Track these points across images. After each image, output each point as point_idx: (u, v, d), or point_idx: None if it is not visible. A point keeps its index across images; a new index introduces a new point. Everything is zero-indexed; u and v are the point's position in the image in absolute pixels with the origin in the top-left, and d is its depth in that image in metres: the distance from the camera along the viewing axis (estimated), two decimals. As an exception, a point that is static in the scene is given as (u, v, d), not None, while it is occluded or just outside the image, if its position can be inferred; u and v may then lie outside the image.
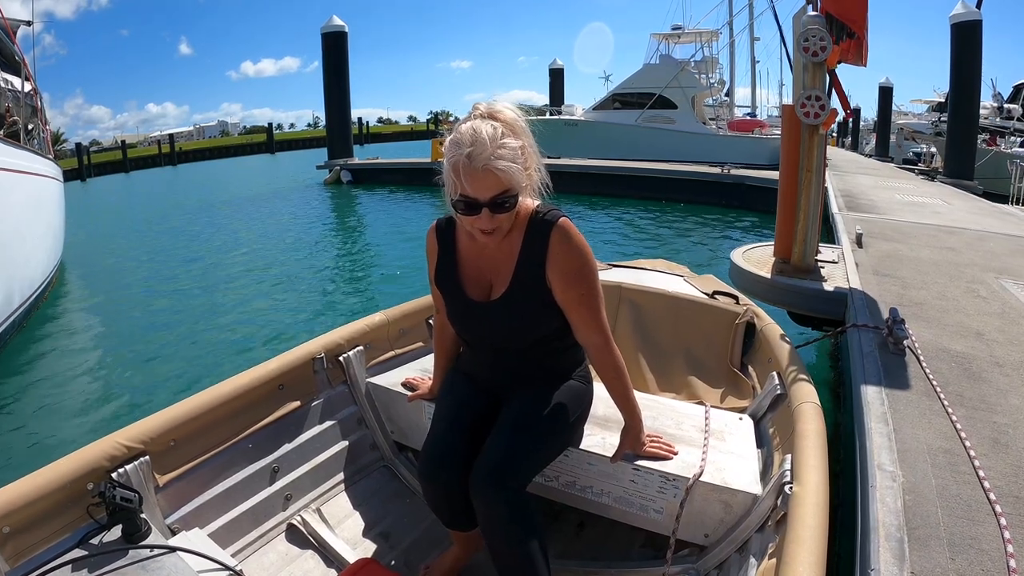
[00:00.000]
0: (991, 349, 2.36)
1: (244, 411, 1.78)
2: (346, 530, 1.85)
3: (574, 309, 1.44)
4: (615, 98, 21.54)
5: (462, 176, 1.27)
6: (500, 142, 1.26)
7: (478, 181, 1.26)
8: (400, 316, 2.30)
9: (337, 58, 19.22)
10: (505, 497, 1.34)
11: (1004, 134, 17.14)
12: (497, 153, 1.25)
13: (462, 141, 1.27)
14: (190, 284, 7.72)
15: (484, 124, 1.27)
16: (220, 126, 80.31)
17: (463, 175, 1.26)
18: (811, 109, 3.18)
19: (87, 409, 4.22)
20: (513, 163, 1.27)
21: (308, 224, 12.48)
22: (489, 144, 1.25)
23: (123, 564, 1.27)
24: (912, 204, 7.44)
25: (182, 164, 40.96)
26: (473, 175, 1.26)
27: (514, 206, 1.33)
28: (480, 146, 1.25)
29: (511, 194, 1.30)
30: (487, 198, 1.28)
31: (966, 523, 1.36)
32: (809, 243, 3.46)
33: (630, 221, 11.80)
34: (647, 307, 2.53)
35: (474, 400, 1.57)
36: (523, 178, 1.32)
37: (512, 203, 1.31)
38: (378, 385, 2.07)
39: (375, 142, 52.40)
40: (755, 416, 1.89)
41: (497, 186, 1.27)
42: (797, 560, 1.08)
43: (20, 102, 8.28)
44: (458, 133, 1.29)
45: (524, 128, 1.35)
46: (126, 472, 1.46)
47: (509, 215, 1.34)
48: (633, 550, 1.78)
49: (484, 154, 1.25)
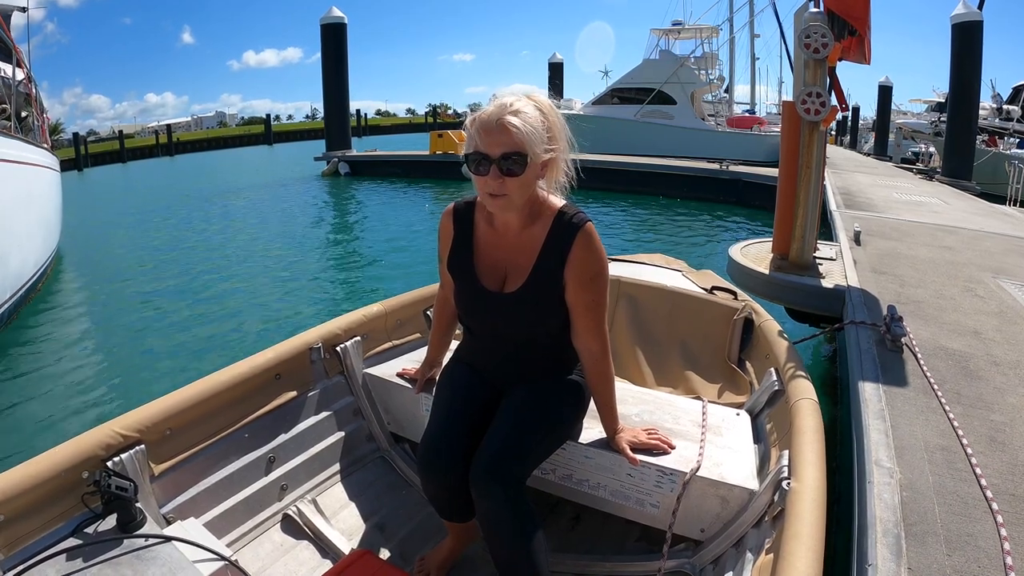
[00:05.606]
0: (988, 348, 2.37)
1: (240, 400, 1.77)
2: (341, 521, 1.85)
3: (580, 313, 1.44)
4: (614, 93, 21.52)
5: (477, 128, 1.31)
6: (521, 107, 1.30)
7: (491, 135, 1.29)
8: (398, 307, 2.29)
9: (336, 49, 19.13)
10: (504, 490, 1.34)
11: (1003, 135, 17.16)
12: (514, 111, 1.28)
13: (490, 103, 1.32)
14: (186, 274, 7.69)
15: (514, 96, 1.33)
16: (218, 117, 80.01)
17: (479, 128, 1.31)
18: (812, 106, 3.17)
19: (82, 398, 4.20)
20: (529, 125, 1.28)
21: (305, 216, 12.44)
22: (508, 105, 1.29)
23: (118, 553, 1.27)
24: (910, 203, 7.45)
25: (179, 155, 40.78)
26: (487, 129, 1.29)
27: (523, 172, 1.31)
28: (500, 106, 1.30)
29: (521, 153, 1.29)
30: (497, 154, 1.29)
31: (963, 520, 1.36)
32: (807, 240, 3.46)
33: (628, 216, 11.80)
34: (645, 302, 2.52)
35: (474, 391, 1.56)
36: (540, 148, 1.31)
37: (521, 167, 1.30)
38: (375, 376, 2.06)
39: (373, 134, 52.29)
40: (752, 412, 1.88)
41: (509, 144, 1.28)
42: (795, 555, 1.08)
43: (11, 89, 8.17)
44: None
45: (557, 116, 1.37)
46: (121, 461, 1.45)
47: (520, 184, 1.33)
48: (629, 544, 1.78)
49: (501, 111, 1.29)
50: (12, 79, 8.43)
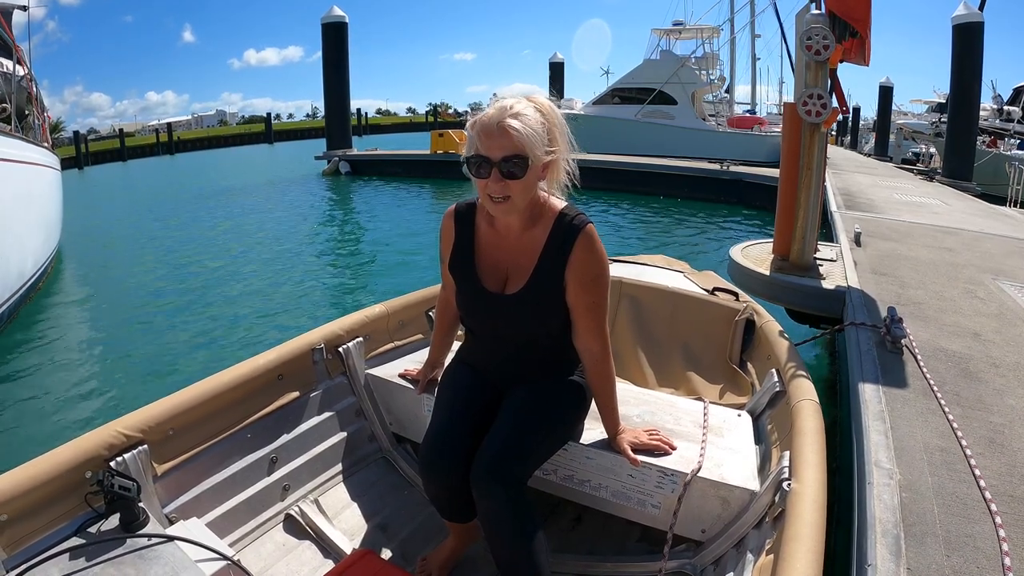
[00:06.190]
0: (988, 350, 2.37)
1: (243, 401, 1.78)
2: (344, 521, 1.85)
3: (581, 314, 1.45)
4: (615, 93, 21.51)
5: (478, 131, 1.32)
6: (521, 109, 1.30)
7: (492, 139, 1.30)
8: (400, 308, 2.29)
9: (337, 48, 19.13)
10: (506, 490, 1.34)
11: (1004, 136, 17.15)
12: (514, 114, 1.29)
13: (490, 106, 1.33)
14: (187, 273, 7.70)
15: (515, 98, 1.33)
16: (218, 115, 79.92)
17: (479, 131, 1.32)
18: (813, 107, 3.18)
19: (84, 397, 4.21)
20: (530, 128, 1.29)
21: (305, 215, 12.44)
22: (509, 107, 1.31)
23: (121, 553, 1.27)
24: (910, 204, 7.45)
25: (180, 153, 40.79)
26: (488, 132, 1.30)
27: (524, 175, 1.32)
28: (501, 109, 1.31)
29: (522, 156, 1.30)
30: (498, 157, 1.30)
31: (962, 521, 1.36)
32: (808, 241, 3.47)
33: (628, 216, 11.80)
34: (647, 302, 2.53)
35: (476, 391, 1.56)
36: (540, 151, 1.32)
37: (522, 170, 1.31)
38: (377, 376, 2.06)
39: (374, 133, 52.31)
40: (754, 413, 1.89)
41: (510, 147, 1.29)
42: (795, 556, 1.08)
43: (12, 88, 8.16)
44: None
45: (558, 116, 1.38)
46: (124, 461, 1.46)
47: (521, 187, 1.33)
48: (630, 544, 1.78)
49: (502, 114, 1.30)
50: (13, 77, 8.42)
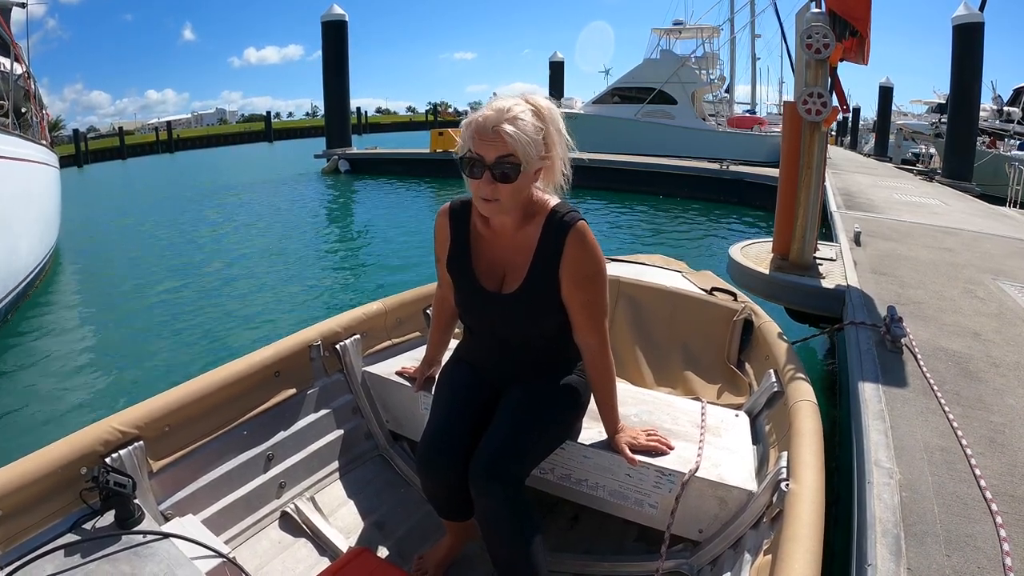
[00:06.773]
0: (988, 349, 2.37)
1: (239, 398, 1.77)
2: (340, 519, 1.85)
3: (577, 311, 1.44)
4: (615, 92, 21.50)
5: (473, 132, 1.31)
6: (518, 113, 1.29)
7: (486, 140, 1.29)
8: (397, 305, 2.29)
9: (337, 47, 19.10)
10: (503, 489, 1.34)
11: (1004, 136, 17.16)
12: (511, 118, 1.28)
13: (486, 107, 1.33)
14: (185, 270, 7.68)
15: (512, 100, 1.32)
16: (218, 114, 79.77)
17: (474, 132, 1.31)
18: (813, 106, 3.17)
19: (80, 394, 4.20)
20: (525, 134, 1.28)
21: (305, 213, 12.43)
22: (506, 111, 1.29)
23: (116, 549, 1.26)
24: (910, 204, 7.45)
25: (179, 152, 40.73)
26: (482, 134, 1.29)
27: (516, 179, 1.31)
28: (498, 111, 1.29)
29: (515, 161, 1.29)
30: (492, 159, 1.29)
31: (962, 521, 1.36)
32: (808, 240, 3.46)
33: (628, 215, 11.79)
34: (645, 302, 2.52)
35: (474, 390, 1.56)
36: (534, 157, 1.31)
37: (515, 174, 1.30)
38: (374, 374, 2.06)
39: (373, 132, 52.28)
40: (751, 413, 1.88)
41: (503, 150, 1.28)
42: (793, 557, 1.08)
43: (9, 85, 8.15)
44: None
45: (554, 118, 1.37)
46: (120, 457, 1.45)
47: (510, 191, 1.33)
48: (627, 544, 1.78)
49: (498, 117, 1.28)
50: (11, 75, 8.41)
